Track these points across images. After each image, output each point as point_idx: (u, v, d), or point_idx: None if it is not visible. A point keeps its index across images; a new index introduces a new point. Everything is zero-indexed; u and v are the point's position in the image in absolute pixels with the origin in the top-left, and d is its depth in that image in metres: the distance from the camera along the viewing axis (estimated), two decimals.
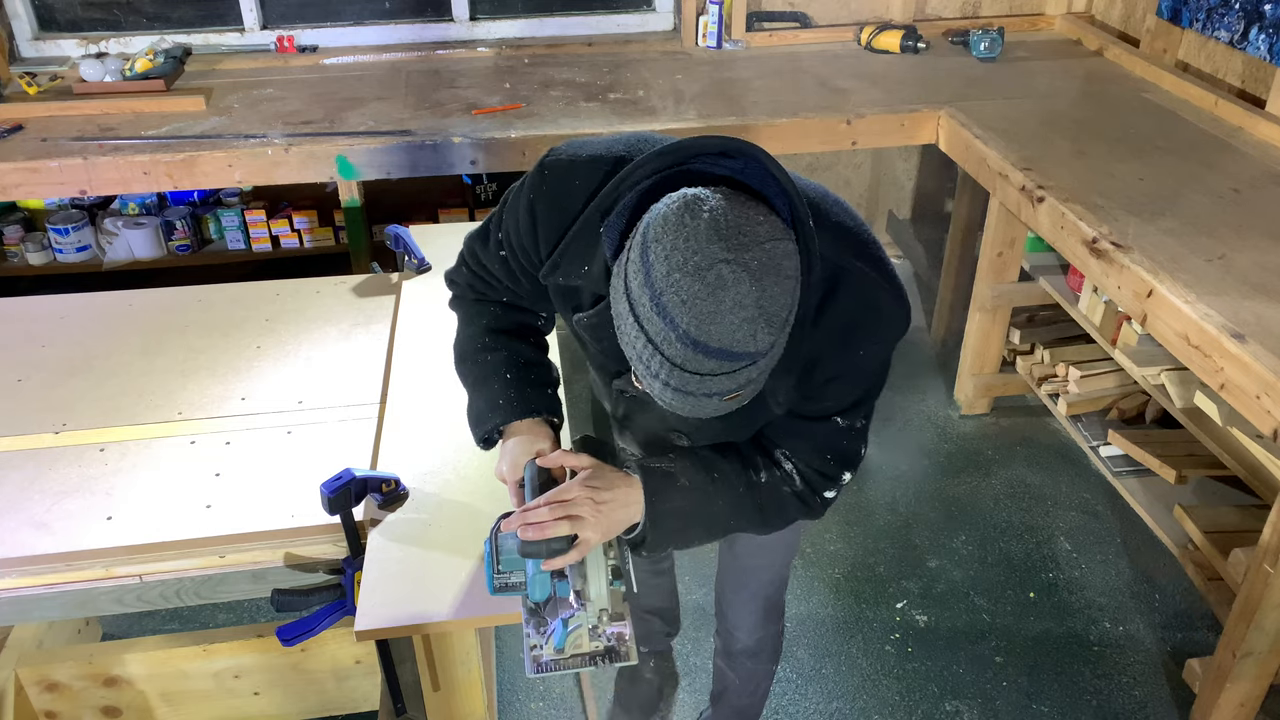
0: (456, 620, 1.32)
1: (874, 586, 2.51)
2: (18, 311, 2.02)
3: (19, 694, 1.93)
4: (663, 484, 1.23)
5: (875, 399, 1.29)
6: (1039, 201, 2.33)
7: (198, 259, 3.26)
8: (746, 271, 0.93)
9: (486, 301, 1.41)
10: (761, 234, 0.96)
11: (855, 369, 1.21)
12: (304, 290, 2.08)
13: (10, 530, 1.46)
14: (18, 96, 2.80)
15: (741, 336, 0.95)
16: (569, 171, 1.20)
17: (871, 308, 1.17)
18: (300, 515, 1.48)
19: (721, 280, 0.93)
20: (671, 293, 0.94)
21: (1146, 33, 3.07)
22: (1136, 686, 2.25)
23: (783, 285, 0.97)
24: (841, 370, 1.20)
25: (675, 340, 0.95)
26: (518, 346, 1.38)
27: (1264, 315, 1.85)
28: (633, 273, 0.98)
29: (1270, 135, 2.54)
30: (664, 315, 0.95)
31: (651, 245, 0.96)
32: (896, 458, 2.93)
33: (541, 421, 1.35)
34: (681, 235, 0.94)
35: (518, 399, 1.34)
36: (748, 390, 1.02)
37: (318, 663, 2.01)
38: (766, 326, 0.96)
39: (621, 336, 1.03)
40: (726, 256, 0.93)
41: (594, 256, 1.16)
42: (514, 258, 1.29)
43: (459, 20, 3.32)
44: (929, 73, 3.08)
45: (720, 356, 0.95)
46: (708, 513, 1.26)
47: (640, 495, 1.21)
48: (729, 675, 1.95)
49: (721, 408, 1.03)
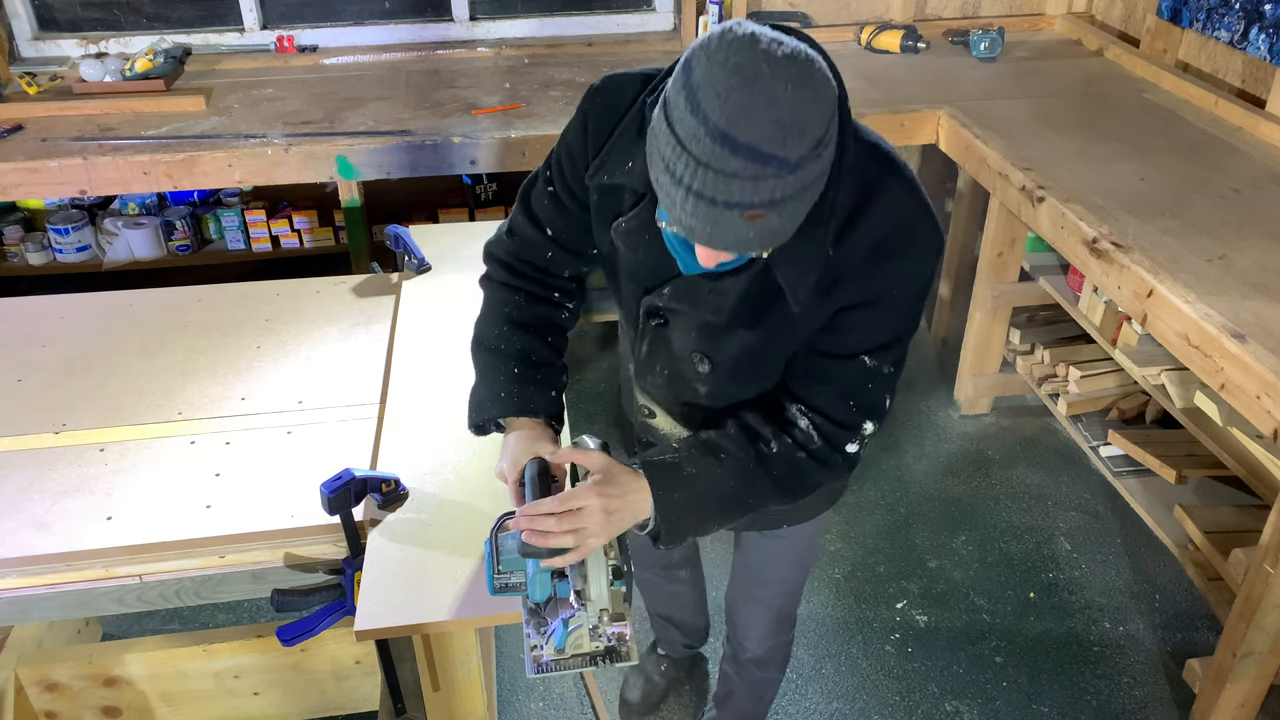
0: (456, 620, 1.32)
1: (874, 586, 2.51)
2: (18, 311, 2.02)
3: (19, 694, 1.93)
4: (668, 476, 1.22)
5: (906, 345, 1.26)
6: (1039, 201, 2.33)
7: (198, 259, 3.26)
8: (786, 74, 0.94)
9: (515, 288, 1.41)
10: (801, 54, 0.96)
11: (885, 297, 1.19)
12: (304, 290, 2.08)
13: (10, 530, 1.46)
14: (18, 96, 2.80)
15: (771, 134, 0.94)
16: (621, 84, 1.24)
17: (903, 225, 1.17)
18: (300, 515, 1.48)
19: (759, 75, 0.93)
20: (708, 87, 0.95)
21: (1146, 33, 3.07)
22: (1136, 686, 2.25)
23: (819, 103, 0.96)
24: (870, 295, 1.18)
25: (705, 136, 0.95)
26: (532, 344, 1.39)
27: (1264, 315, 1.85)
28: (672, 84, 1.00)
29: (1270, 135, 2.54)
30: (697, 111, 0.95)
31: (694, 55, 0.98)
32: (896, 458, 2.93)
33: (543, 423, 1.35)
34: (724, 41, 0.96)
35: (520, 396, 1.34)
36: (770, 219, 0.99)
37: (318, 663, 2.01)
38: (798, 136, 0.95)
39: (652, 159, 1.03)
40: (767, 58, 0.94)
41: (638, 153, 1.17)
42: (562, 181, 1.32)
43: (459, 20, 3.32)
44: (929, 73, 3.08)
45: (747, 156, 0.94)
46: (719, 496, 1.25)
47: (648, 493, 1.21)
48: (736, 681, 1.94)
49: (741, 236, 1.00)
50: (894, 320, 1.22)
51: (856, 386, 1.24)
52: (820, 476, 1.29)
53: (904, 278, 1.18)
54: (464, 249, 2.18)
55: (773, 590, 1.77)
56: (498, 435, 1.37)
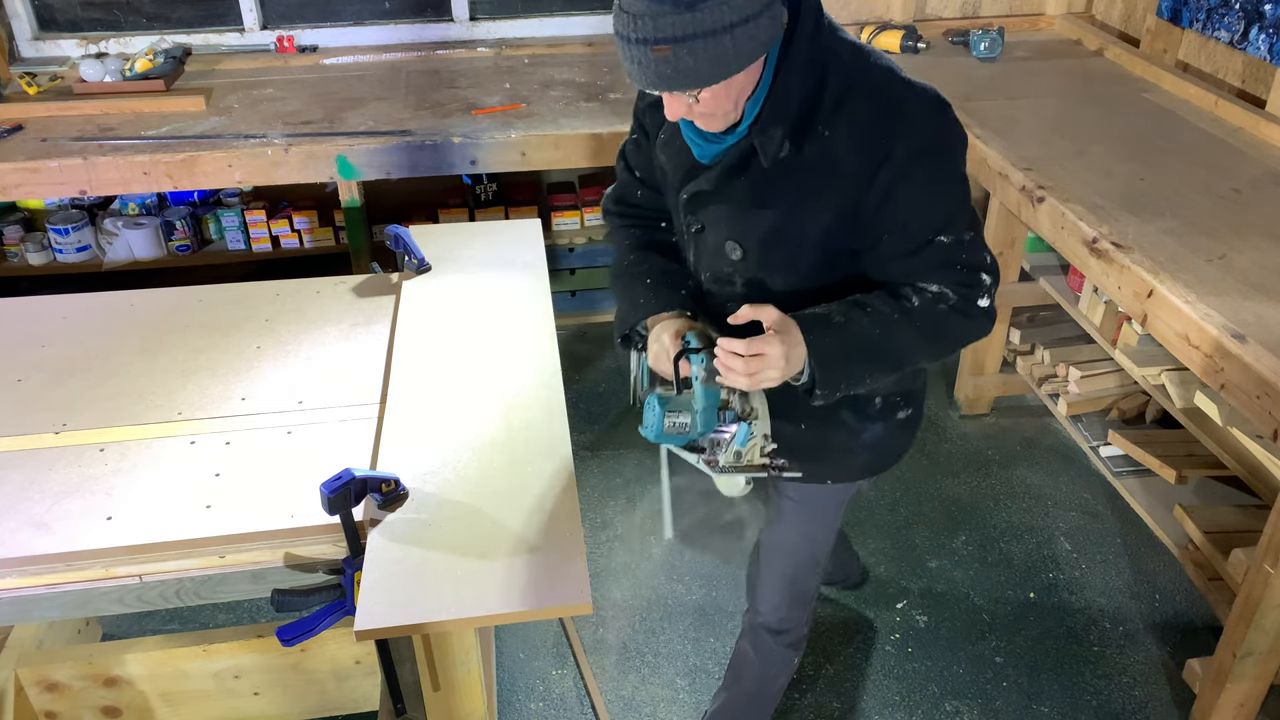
0: (456, 620, 1.32)
1: (874, 586, 2.51)
2: (18, 311, 2.02)
3: (19, 694, 1.93)
4: (819, 323, 1.35)
5: (967, 209, 1.37)
6: (1039, 201, 2.33)
7: (198, 259, 3.26)
8: None
9: (626, 225, 1.65)
10: None
11: (908, 175, 1.31)
12: (304, 290, 2.08)
13: (10, 530, 1.46)
14: (18, 96, 2.80)
15: None
16: None
17: (890, 105, 1.31)
18: (300, 515, 1.48)
19: None
20: None
21: (1146, 33, 3.07)
22: (1136, 686, 2.25)
23: None
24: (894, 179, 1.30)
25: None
26: (655, 259, 1.58)
27: (1264, 315, 1.85)
28: None
29: (1270, 135, 2.54)
30: None
31: None
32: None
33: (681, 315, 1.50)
34: None
35: (656, 297, 1.52)
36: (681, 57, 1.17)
37: (318, 663, 2.01)
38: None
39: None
40: None
41: None
42: (637, 121, 1.56)
43: (459, 20, 3.32)
44: (929, 73, 3.07)
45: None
46: (869, 343, 1.36)
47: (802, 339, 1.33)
48: (750, 655, 1.93)
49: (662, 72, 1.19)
50: (934, 192, 1.34)
51: (952, 257, 1.36)
52: (960, 329, 1.40)
53: (913, 145, 1.30)
54: (464, 249, 2.18)
55: (785, 559, 1.79)
56: (498, 437, 1.38)
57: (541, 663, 2.30)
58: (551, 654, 2.32)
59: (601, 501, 2.72)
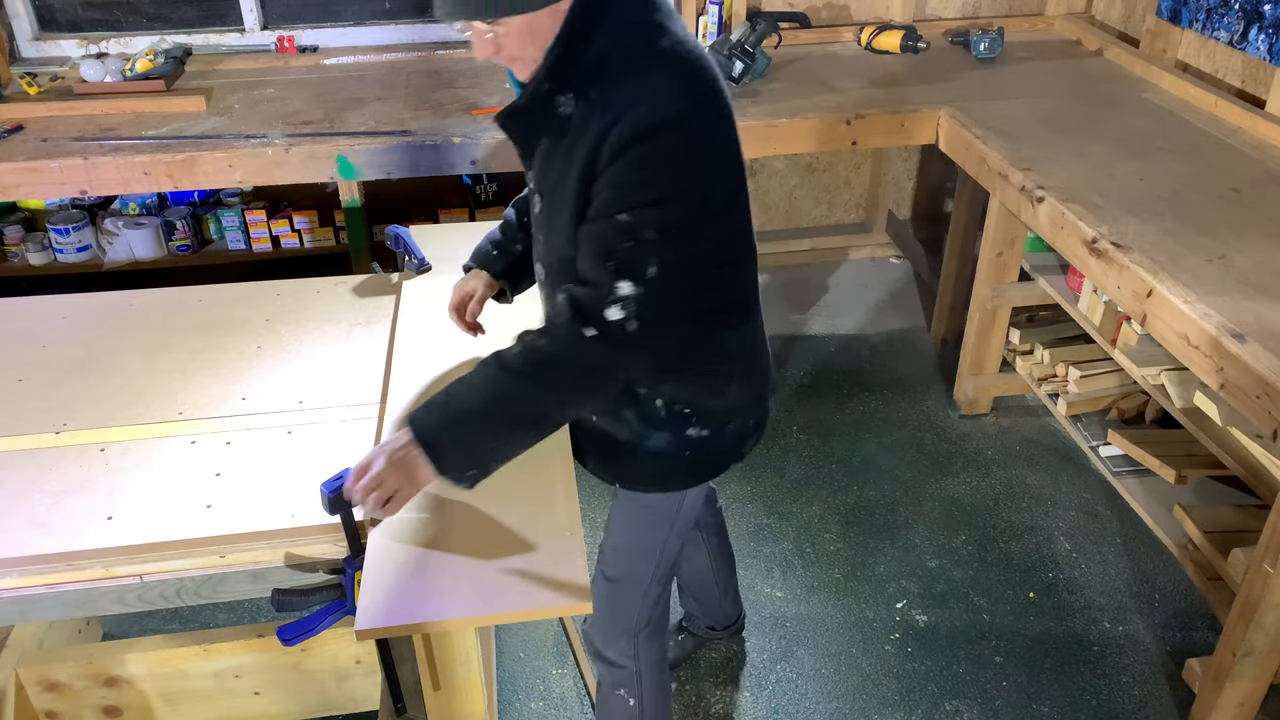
0: (456, 620, 1.32)
1: (874, 586, 2.51)
2: (18, 311, 2.02)
3: (19, 694, 1.93)
4: (424, 406, 1.34)
5: (677, 214, 1.25)
6: (1039, 201, 2.33)
7: (198, 259, 3.27)
8: None
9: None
10: None
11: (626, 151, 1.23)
12: (304, 290, 2.08)
13: (10, 530, 1.46)
14: (18, 96, 2.80)
15: None
16: None
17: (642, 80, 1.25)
18: (300, 515, 1.48)
19: None
20: None
21: (1146, 33, 3.07)
22: (1136, 686, 2.26)
23: None
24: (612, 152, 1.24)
25: None
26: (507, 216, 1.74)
27: (1264, 315, 1.85)
28: None
29: (1270, 135, 2.54)
30: None
31: None
32: (896, 458, 2.93)
33: (487, 276, 1.70)
34: None
35: (476, 251, 1.74)
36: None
37: (318, 663, 2.01)
38: None
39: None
40: None
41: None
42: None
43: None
44: (929, 73, 3.08)
45: None
46: (475, 410, 1.31)
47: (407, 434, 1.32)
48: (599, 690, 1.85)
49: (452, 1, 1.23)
50: (645, 174, 1.24)
51: (612, 244, 1.25)
52: (574, 354, 1.29)
53: (640, 126, 1.22)
54: (464, 249, 2.16)
55: (606, 564, 1.71)
56: None
57: (541, 663, 2.30)
58: (551, 654, 2.32)
59: (602, 501, 2.72)
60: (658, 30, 1.29)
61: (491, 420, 1.32)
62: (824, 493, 2.80)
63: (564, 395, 1.33)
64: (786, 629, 2.40)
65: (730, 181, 1.35)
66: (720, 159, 1.32)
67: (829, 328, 3.54)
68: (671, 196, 1.25)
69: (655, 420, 1.51)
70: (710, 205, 1.30)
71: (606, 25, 1.26)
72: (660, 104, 1.24)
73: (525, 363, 1.30)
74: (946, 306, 3.37)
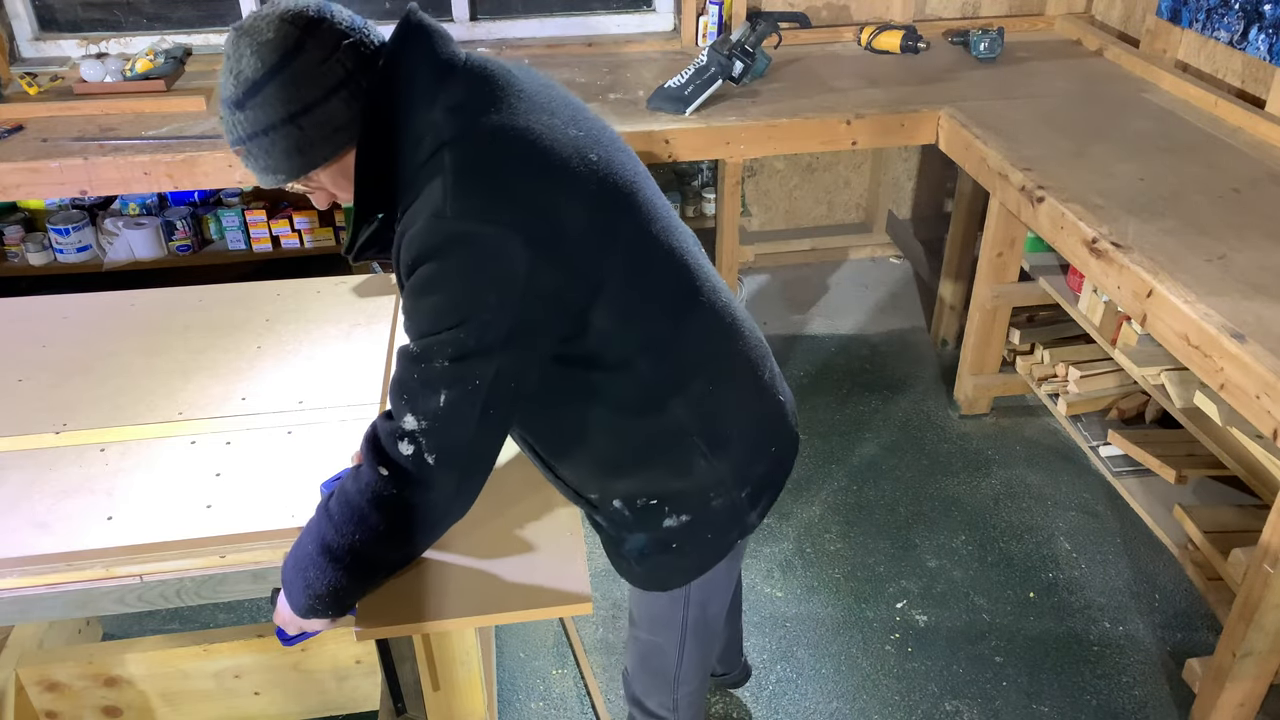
0: (456, 620, 1.32)
1: (874, 586, 2.51)
2: (18, 311, 2.02)
3: (19, 694, 1.93)
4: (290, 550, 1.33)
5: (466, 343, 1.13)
6: (1039, 201, 2.33)
7: (198, 259, 3.27)
8: (237, 31, 1.16)
9: None
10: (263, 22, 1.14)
11: (416, 286, 1.16)
12: (304, 290, 2.08)
13: (11, 530, 1.46)
14: (18, 97, 2.80)
15: (222, 83, 1.17)
16: None
17: (422, 196, 1.16)
18: (300, 515, 1.48)
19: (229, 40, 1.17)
20: None
21: (1146, 33, 3.07)
22: (1136, 686, 2.26)
23: (253, 49, 1.13)
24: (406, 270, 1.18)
25: None
26: None
27: (1264, 315, 1.85)
28: None
29: (1270, 135, 2.54)
30: None
31: None
32: (896, 458, 2.93)
33: None
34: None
35: None
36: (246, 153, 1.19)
37: (318, 663, 2.01)
38: (233, 79, 1.15)
39: None
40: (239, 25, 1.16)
41: None
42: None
43: (459, 20, 3.32)
44: (929, 73, 3.08)
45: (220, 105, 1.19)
46: (309, 553, 1.28)
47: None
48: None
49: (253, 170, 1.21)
50: (425, 301, 1.16)
51: (405, 375, 1.18)
52: (372, 496, 1.21)
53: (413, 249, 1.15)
54: None
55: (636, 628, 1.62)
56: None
57: (541, 663, 2.30)
58: (551, 654, 2.32)
59: None
60: (447, 124, 1.16)
61: (321, 560, 1.26)
62: (824, 493, 2.80)
63: (373, 532, 1.24)
64: (786, 629, 2.40)
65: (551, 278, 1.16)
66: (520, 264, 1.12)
67: (829, 328, 3.54)
68: (453, 326, 1.14)
69: (622, 521, 1.39)
70: (525, 317, 1.15)
71: (395, 139, 1.17)
72: (433, 224, 1.12)
73: (341, 504, 1.25)
74: (946, 306, 3.37)
